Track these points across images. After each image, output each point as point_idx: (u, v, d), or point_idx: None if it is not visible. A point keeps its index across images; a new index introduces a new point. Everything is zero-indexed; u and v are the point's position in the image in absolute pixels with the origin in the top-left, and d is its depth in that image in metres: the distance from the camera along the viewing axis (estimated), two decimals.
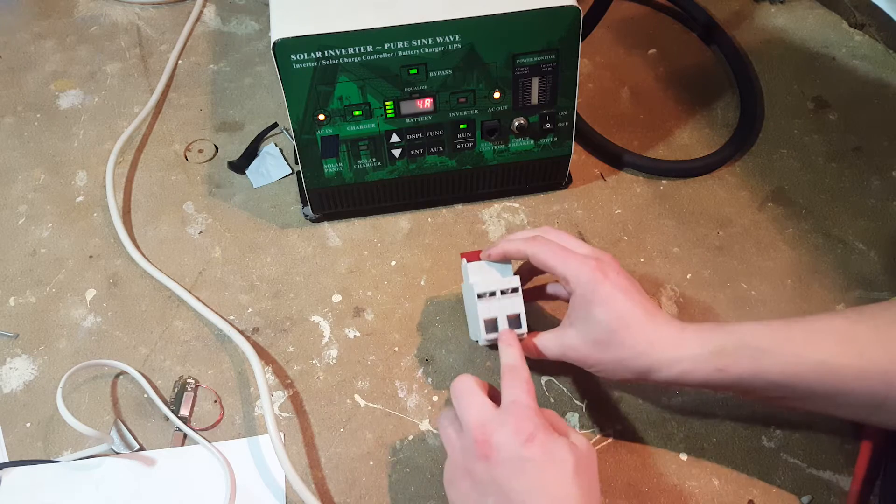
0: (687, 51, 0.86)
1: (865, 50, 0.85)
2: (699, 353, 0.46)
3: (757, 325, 0.46)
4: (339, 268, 0.67)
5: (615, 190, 0.72)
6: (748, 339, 0.45)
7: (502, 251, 0.53)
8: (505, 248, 0.53)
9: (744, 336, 0.46)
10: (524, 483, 0.42)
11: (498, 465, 0.42)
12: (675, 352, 0.46)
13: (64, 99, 0.82)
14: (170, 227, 0.70)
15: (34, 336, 0.63)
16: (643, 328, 0.47)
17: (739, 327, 0.47)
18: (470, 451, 0.44)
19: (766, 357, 0.45)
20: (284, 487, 0.54)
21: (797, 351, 0.44)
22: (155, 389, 0.59)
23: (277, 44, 0.57)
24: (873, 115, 0.78)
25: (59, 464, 0.55)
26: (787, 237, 0.68)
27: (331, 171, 0.65)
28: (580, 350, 0.50)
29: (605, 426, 0.57)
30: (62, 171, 0.75)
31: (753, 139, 0.76)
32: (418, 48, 0.60)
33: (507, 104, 0.64)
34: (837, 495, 0.53)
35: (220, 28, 0.90)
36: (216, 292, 0.65)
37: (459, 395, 0.47)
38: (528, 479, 0.42)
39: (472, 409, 0.45)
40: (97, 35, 0.89)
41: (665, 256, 0.67)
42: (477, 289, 0.53)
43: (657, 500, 0.53)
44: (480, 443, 0.43)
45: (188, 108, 0.80)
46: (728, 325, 0.47)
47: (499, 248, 0.54)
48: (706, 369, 0.46)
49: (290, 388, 0.59)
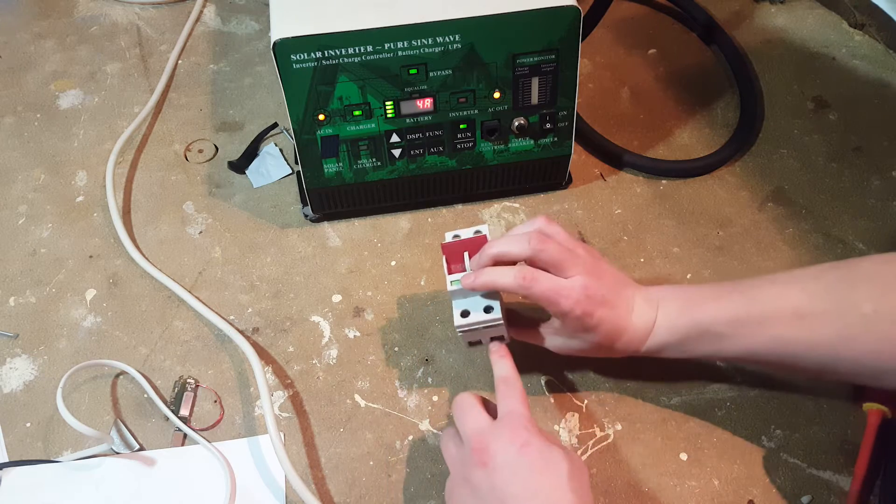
0: (687, 51, 0.86)
1: (865, 50, 0.85)
2: (667, 341, 0.51)
3: (718, 310, 0.49)
4: (339, 268, 0.67)
5: (615, 190, 0.72)
6: (708, 325, 0.50)
7: (486, 284, 0.50)
8: (491, 282, 0.50)
9: (704, 322, 0.50)
10: (520, 487, 0.42)
11: (495, 472, 0.43)
12: (648, 344, 0.52)
13: (64, 99, 0.82)
14: (170, 227, 0.70)
15: (34, 336, 0.63)
16: (626, 335, 0.51)
17: (702, 312, 0.50)
18: (468, 460, 0.45)
19: (724, 340, 0.49)
20: (284, 487, 0.54)
21: (753, 332, 0.48)
22: (155, 389, 0.59)
23: (277, 44, 0.57)
24: (873, 115, 0.78)
25: (59, 464, 0.55)
26: (787, 237, 0.68)
27: (331, 171, 0.65)
28: (570, 352, 0.54)
29: (605, 426, 0.57)
30: (62, 171, 0.75)
31: (753, 139, 0.76)
32: (418, 48, 0.60)
33: (507, 104, 0.64)
34: (837, 495, 0.53)
35: (220, 28, 0.90)
36: (216, 292, 0.65)
37: (458, 411, 0.48)
38: (524, 483, 0.42)
39: (470, 420, 0.47)
40: (97, 35, 0.89)
41: (665, 256, 0.67)
42: (458, 326, 0.52)
43: (657, 500, 0.53)
44: (478, 451, 0.44)
45: (188, 108, 0.80)
46: (692, 309, 0.50)
47: (483, 280, 0.50)
48: (673, 353, 0.52)
49: (290, 388, 0.59)
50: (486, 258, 0.51)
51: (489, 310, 0.51)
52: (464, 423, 0.47)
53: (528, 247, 0.49)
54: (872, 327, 0.45)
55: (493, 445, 0.44)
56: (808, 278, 0.49)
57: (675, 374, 0.59)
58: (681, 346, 0.51)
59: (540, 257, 0.49)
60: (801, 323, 0.47)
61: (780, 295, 0.48)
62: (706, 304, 0.50)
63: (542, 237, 0.49)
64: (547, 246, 0.49)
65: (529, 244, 0.49)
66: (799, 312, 0.47)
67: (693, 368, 0.59)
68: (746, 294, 0.49)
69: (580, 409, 0.58)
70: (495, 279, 0.49)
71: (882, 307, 0.44)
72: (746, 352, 0.49)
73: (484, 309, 0.52)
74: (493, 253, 0.50)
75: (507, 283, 0.49)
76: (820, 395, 0.58)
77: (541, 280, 0.49)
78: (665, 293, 0.52)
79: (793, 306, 0.47)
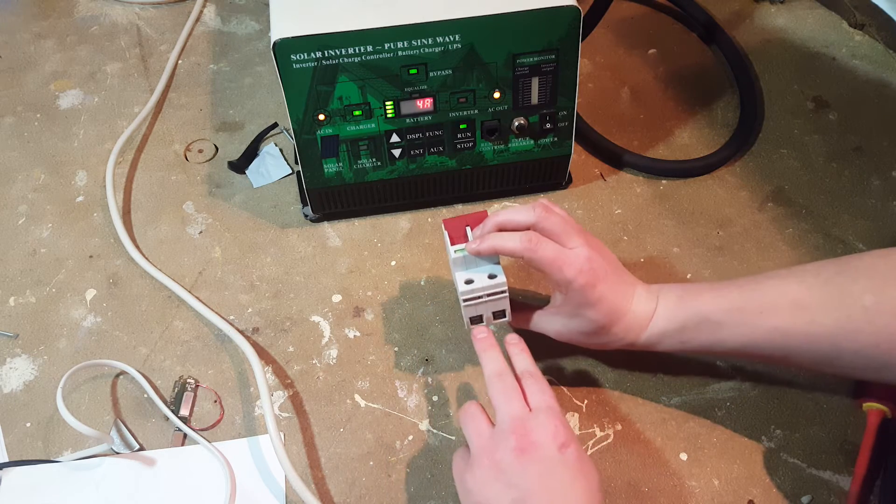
0: (687, 51, 0.86)
1: (865, 50, 0.85)
2: (666, 330, 0.51)
3: (717, 299, 0.50)
4: (339, 268, 0.67)
5: (615, 190, 0.72)
6: (707, 313, 0.50)
7: (492, 248, 0.51)
8: (496, 246, 0.51)
9: (703, 310, 0.50)
10: (554, 485, 0.42)
11: (533, 462, 0.43)
12: (648, 331, 0.52)
13: (64, 99, 0.82)
14: (170, 227, 0.70)
15: (34, 336, 0.63)
16: (626, 318, 0.51)
17: (701, 301, 0.50)
18: (503, 440, 0.44)
19: (723, 329, 0.49)
20: (284, 487, 0.54)
21: (752, 321, 0.48)
22: (155, 389, 0.59)
23: (277, 44, 0.57)
24: (873, 115, 0.78)
25: (59, 464, 0.55)
26: (787, 237, 0.68)
27: (331, 171, 0.65)
28: (569, 335, 0.54)
29: (605, 426, 0.57)
30: (62, 171, 0.75)
31: (753, 139, 0.76)
32: (418, 48, 0.60)
33: (507, 104, 0.64)
34: (837, 495, 0.53)
35: (220, 28, 0.90)
36: (216, 292, 0.65)
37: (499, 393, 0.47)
38: (559, 483, 0.43)
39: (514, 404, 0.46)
40: (97, 35, 0.89)
41: (665, 256, 0.67)
42: (463, 294, 0.52)
43: (657, 500, 0.53)
44: (520, 436, 0.44)
45: (188, 108, 0.80)
46: (691, 298, 0.51)
47: (489, 245, 0.51)
48: (672, 342, 0.52)
49: (290, 388, 0.59)
50: (490, 225, 0.52)
51: (493, 276, 0.52)
52: (506, 403, 0.46)
53: (532, 215, 0.51)
54: (873, 319, 0.45)
55: (534, 435, 0.44)
56: (807, 273, 0.49)
57: (675, 374, 0.59)
58: (679, 335, 0.51)
59: (544, 225, 0.50)
60: (800, 314, 0.47)
61: (780, 287, 0.49)
62: (705, 294, 0.50)
63: (546, 207, 0.51)
64: (551, 215, 0.51)
65: (534, 212, 0.51)
66: (799, 303, 0.47)
67: (693, 368, 0.59)
68: (746, 287, 0.50)
69: (580, 409, 0.58)
70: (502, 243, 0.50)
71: (883, 299, 0.45)
72: (745, 343, 0.49)
73: (488, 276, 0.52)
74: (498, 221, 0.52)
75: (514, 247, 0.50)
76: (820, 395, 0.58)
77: (546, 245, 0.50)
78: (665, 286, 0.53)
79: (793, 297, 0.48)
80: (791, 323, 0.47)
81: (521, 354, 0.50)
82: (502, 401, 0.46)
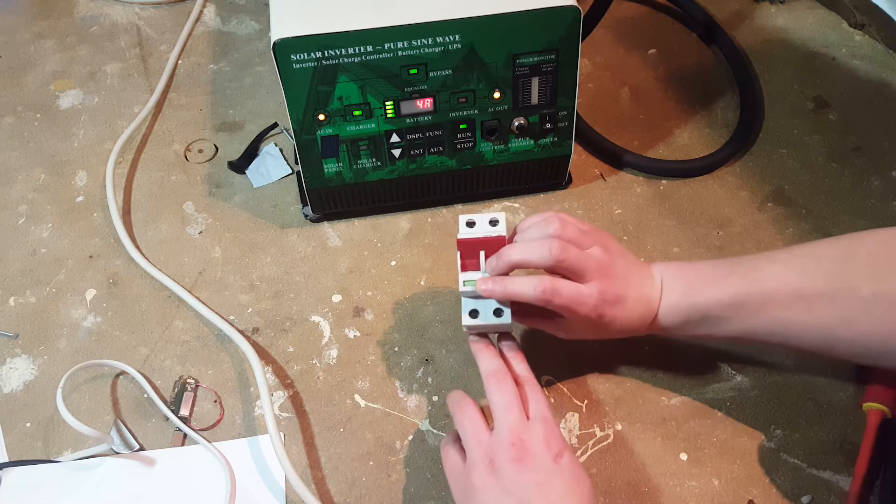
0: (687, 51, 0.86)
1: (865, 50, 0.85)
2: (670, 324, 0.52)
3: (718, 293, 0.50)
4: (339, 268, 0.67)
5: (615, 190, 0.72)
6: (709, 310, 0.50)
7: (506, 295, 0.49)
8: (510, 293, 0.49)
9: (705, 307, 0.51)
10: (552, 494, 0.43)
11: (528, 471, 0.44)
12: (650, 327, 0.53)
13: (64, 99, 0.82)
14: (170, 227, 0.70)
15: (34, 336, 0.63)
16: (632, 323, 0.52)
17: (702, 298, 0.51)
18: (501, 449, 0.45)
19: (724, 323, 0.51)
20: (284, 487, 0.54)
21: (753, 313, 0.49)
22: (155, 389, 0.59)
23: (277, 44, 0.57)
24: (873, 115, 0.78)
25: (59, 464, 0.55)
26: (787, 237, 0.68)
27: (331, 171, 0.65)
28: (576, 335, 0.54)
29: (605, 426, 0.57)
30: (62, 171, 0.75)
31: (753, 139, 0.76)
32: (418, 48, 0.60)
33: (507, 104, 0.64)
34: (837, 495, 0.53)
35: (220, 28, 0.90)
36: (216, 292, 0.65)
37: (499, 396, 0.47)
38: (554, 492, 0.43)
39: (513, 413, 0.46)
40: (97, 35, 0.89)
41: (665, 256, 0.67)
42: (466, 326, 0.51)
43: (657, 500, 0.53)
44: (517, 446, 0.44)
45: (188, 108, 0.80)
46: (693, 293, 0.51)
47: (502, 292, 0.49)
48: (673, 333, 0.54)
49: (290, 388, 0.59)
50: (504, 265, 0.49)
51: (499, 314, 0.50)
52: (506, 412, 0.46)
53: (548, 256, 0.48)
54: (871, 310, 0.45)
55: (531, 445, 0.44)
56: (807, 258, 0.49)
57: (675, 374, 0.59)
58: (680, 329, 0.52)
59: (561, 266, 0.49)
60: (800, 304, 0.48)
61: (780, 275, 0.49)
62: (706, 289, 0.51)
63: (562, 246, 0.49)
64: (568, 255, 0.49)
65: (550, 253, 0.48)
66: (798, 294, 0.48)
67: (693, 368, 0.59)
68: (746, 276, 0.50)
69: (580, 409, 0.58)
70: (516, 290, 0.49)
71: (881, 290, 0.45)
72: (745, 332, 0.51)
73: (494, 312, 0.50)
74: (512, 261, 0.49)
75: (529, 296, 0.49)
76: (820, 395, 0.58)
77: (561, 292, 0.48)
78: (667, 272, 0.53)
79: (792, 288, 0.48)
80: (790, 313, 0.48)
81: (517, 359, 0.51)
82: (502, 410, 0.46)
